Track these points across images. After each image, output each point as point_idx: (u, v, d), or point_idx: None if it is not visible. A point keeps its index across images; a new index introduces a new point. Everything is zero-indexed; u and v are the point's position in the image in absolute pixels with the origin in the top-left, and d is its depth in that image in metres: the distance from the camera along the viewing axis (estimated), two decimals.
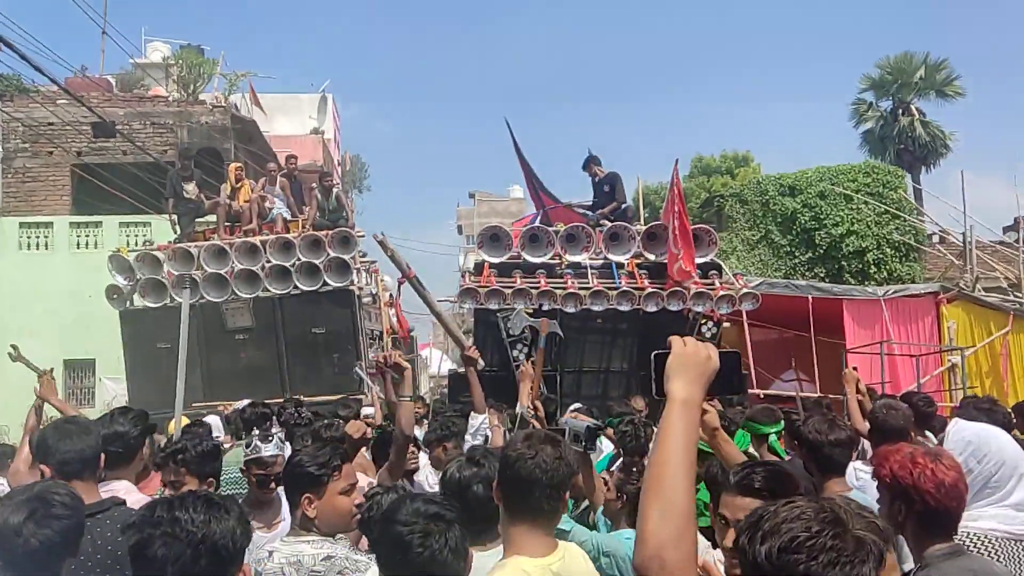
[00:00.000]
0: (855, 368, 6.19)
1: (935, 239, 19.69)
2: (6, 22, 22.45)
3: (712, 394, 1.63)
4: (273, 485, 3.74)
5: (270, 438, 3.84)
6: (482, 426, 5.03)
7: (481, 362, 5.88)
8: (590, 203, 11.15)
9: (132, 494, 3.19)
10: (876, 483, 2.57)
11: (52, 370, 5.40)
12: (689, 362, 1.59)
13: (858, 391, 5.24)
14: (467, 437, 4.98)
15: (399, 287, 9.37)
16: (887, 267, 18.96)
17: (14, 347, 6.67)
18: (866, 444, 5.12)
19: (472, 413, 5.11)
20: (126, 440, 3.30)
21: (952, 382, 12.42)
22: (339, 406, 7.54)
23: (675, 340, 1.62)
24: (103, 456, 3.08)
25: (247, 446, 3.88)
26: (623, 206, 10.80)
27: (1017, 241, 16.73)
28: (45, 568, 2.27)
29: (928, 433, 5.26)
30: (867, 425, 5.18)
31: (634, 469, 4.06)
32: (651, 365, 1.76)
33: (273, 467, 3.74)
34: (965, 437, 2.95)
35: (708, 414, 2.50)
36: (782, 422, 5.00)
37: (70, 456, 2.91)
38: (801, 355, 12.84)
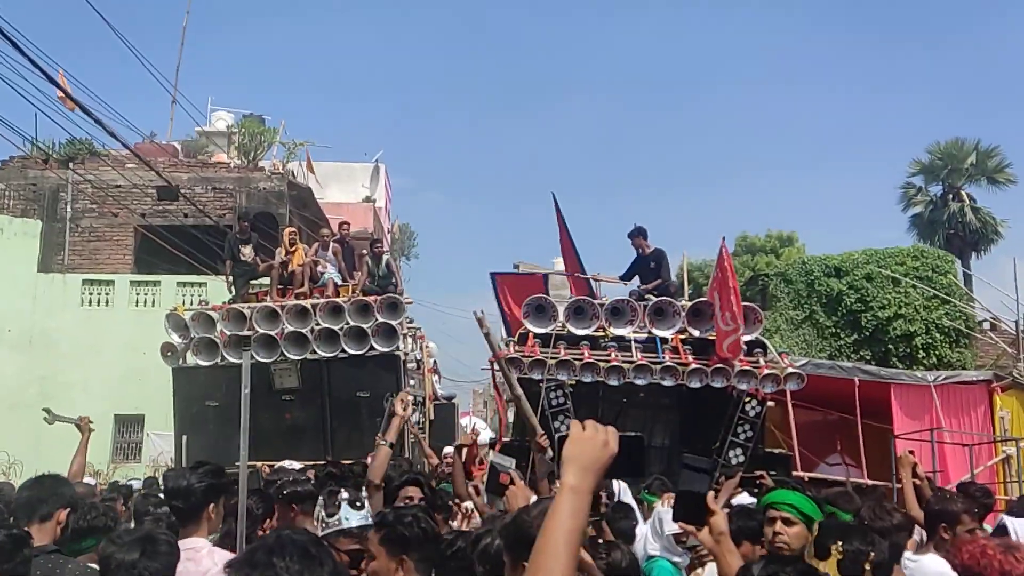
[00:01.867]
0: (911, 452, 6.05)
1: (986, 326, 19.32)
2: (81, 87, 23.67)
3: (609, 477, 1.63)
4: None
5: (359, 504, 3.36)
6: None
7: (550, 452, 5.78)
8: (618, 278, 11.25)
9: (211, 554, 3.21)
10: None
11: (88, 418, 6.07)
12: (585, 448, 1.57)
13: (916, 475, 5.09)
14: None
15: (491, 366, 9.44)
16: (936, 352, 18.62)
17: (47, 411, 7.14)
18: (922, 533, 5.02)
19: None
20: (187, 495, 3.34)
21: (1007, 474, 12.05)
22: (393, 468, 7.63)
23: (574, 424, 1.62)
24: (172, 508, 3.29)
25: (326, 514, 3.44)
26: (666, 284, 10.89)
27: None
28: None
29: (986, 526, 5.13)
30: (922, 513, 5.08)
31: None
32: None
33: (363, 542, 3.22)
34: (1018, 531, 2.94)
35: (716, 516, 2.31)
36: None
37: (22, 501, 3.56)
38: (846, 439, 12.59)
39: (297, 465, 8.18)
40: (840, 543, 2.99)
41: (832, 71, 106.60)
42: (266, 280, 12.44)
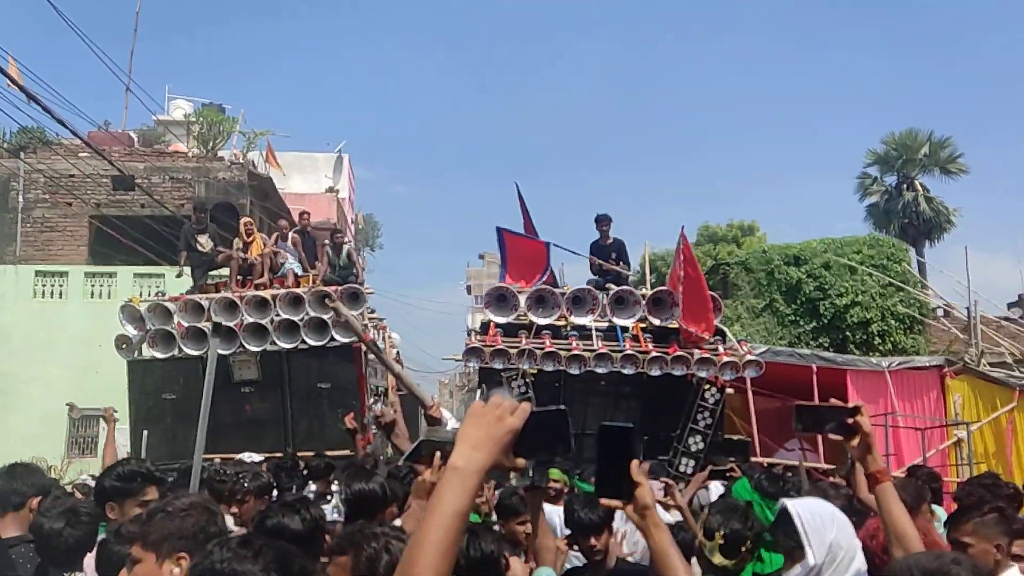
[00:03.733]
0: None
1: (939, 313, 19.75)
2: (33, 76, 23.10)
3: (526, 456, 1.48)
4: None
5: (329, 498, 3.37)
6: None
7: (449, 424, 5.85)
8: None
9: None
10: None
11: (112, 409, 6.11)
12: (478, 424, 1.45)
13: None
14: None
15: (364, 353, 9.46)
16: (891, 339, 18.98)
17: (70, 405, 7.10)
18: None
19: None
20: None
21: (958, 457, 12.34)
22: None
23: (476, 401, 1.51)
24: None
25: None
26: (625, 277, 11.00)
27: (1022, 317, 16.78)
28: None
29: (936, 509, 5.23)
30: (873, 498, 5.18)
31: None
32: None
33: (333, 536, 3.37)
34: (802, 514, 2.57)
35: (640, 488, 2.00)
36: None
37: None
38: None
39: (257, 458, 8.09)
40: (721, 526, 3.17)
41: (791, 64, 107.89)
42: (226, 271, 12.27)
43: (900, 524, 2.44)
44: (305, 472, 6.91)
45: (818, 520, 2.40)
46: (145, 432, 10.53)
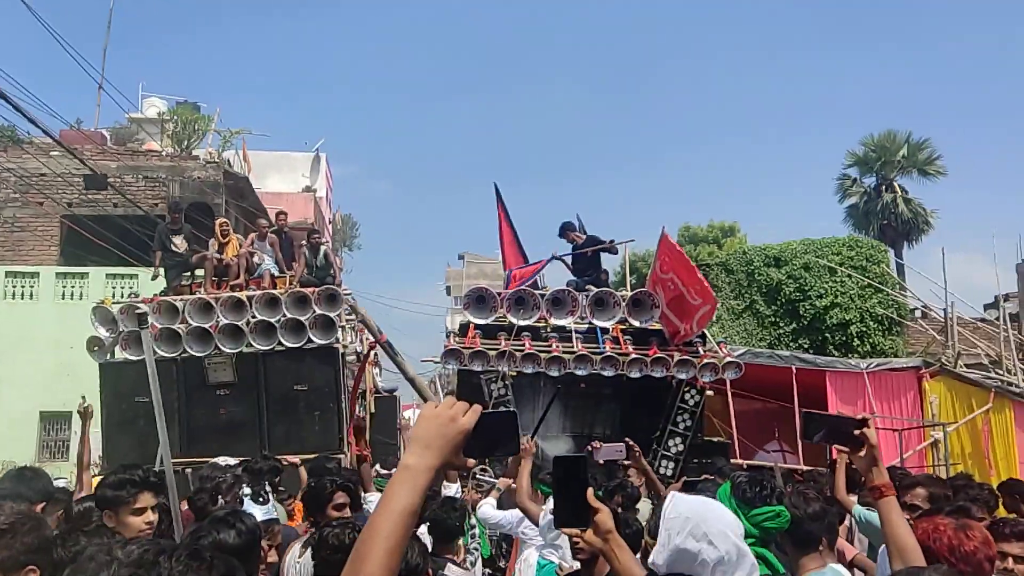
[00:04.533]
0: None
1: (917, 314, 19.89)
2: (2, 73, 22.73)
3: (476, 456, 1.55)
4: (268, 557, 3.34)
5: (261, 498, 3.43)
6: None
7: None
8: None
9: None
10: None
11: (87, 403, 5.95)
12: (429, 425, 1.52)
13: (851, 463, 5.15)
14: None
15: (370, 351, 9.40)
16: (870, 340, 19.08)
17: (83, 401, 6.96)
18: (852, 522, 5.08)
19: (444, 483, 5.17)
20: None
21: (935, 458, 12.40)
22: (324, 459, 7.54)
23: (427, 403, 1.60)
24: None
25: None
26: (605, 252, 10.96)
27: (998, 318, 16.92)
28: None
29: None
30: (853, 498, 5.15)
31: None
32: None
33: (270, 536, 3.32)
34: (683, 513, 2.42)
35: (600, 514, 2.10)
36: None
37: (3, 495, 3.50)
38: (784, 426, 12.83)
39: (232, 461, 7.93)
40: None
41: (771, 66, 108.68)
42: (201, 272, 12.08)
43: (902, 538, 2.49)
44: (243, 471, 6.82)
45: (677, 524, 2.30)
46: (102, 439, 10.32)
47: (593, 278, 10.62)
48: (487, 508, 5.94)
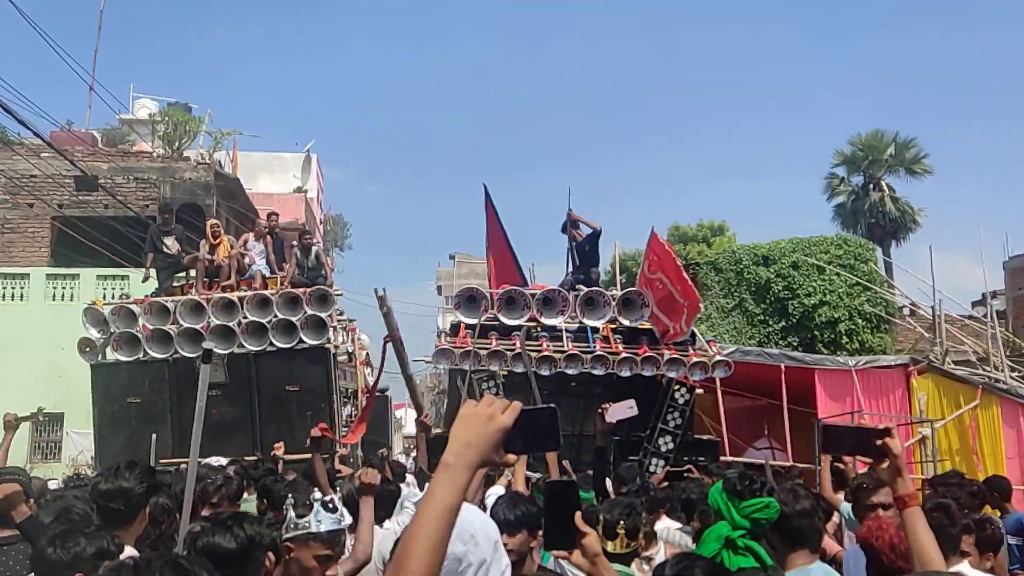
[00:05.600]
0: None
1: (905, 312, 20.03)
2: None
3: (517, 452, 1.57)
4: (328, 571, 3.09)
5: (331, 506, 3.09)
6: (411, 495, 5.20)
7: (434, 430, 5.95)
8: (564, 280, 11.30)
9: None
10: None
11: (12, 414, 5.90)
12: (470, 423, 1.52)
13: (840, 459, 5.20)
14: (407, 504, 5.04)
15: (384, 345, 9.42)
16: (859, 338, 19.21)
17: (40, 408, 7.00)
18: (837, 518, 5.14)
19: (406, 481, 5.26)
20: (128, 497, 3.23)
21: (923, 455, 12.50)
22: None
23: (467, 403, 1.58)
24: (103, 511, 3.20)
25: (295, 515, 3.11)
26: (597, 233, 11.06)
27: (985, 316, 17.06)
28: None
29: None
30: (840, 496, 5.20)
31: None
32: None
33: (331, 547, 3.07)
34: None
35: (588, 537, 2.19)
36: None
37: None
38: (774, 423, 12.90)
39: (224, 461, 7.99)
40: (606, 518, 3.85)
41: (760, 65, 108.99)
42: (192, 273, 12.10)
43: (925, 548, 2.46)
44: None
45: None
46: (94, 440, 10.32)
47: (584, 277, 10.70)
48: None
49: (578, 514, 2.07)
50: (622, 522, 3.86)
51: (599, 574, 2.27)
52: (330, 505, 3.05)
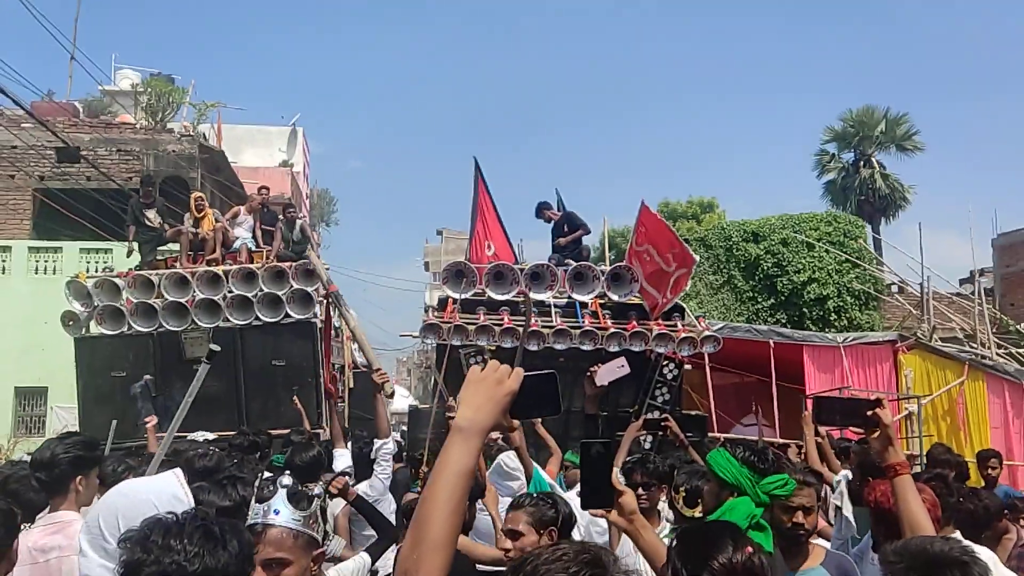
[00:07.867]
0: None
1: (894, 289, 20.09)
2: None
3: (520, 417, 1.60)
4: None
5: (300, 497, 2.31)
6: (383, 450, 5.26)
7: (389, 389, 5.88)
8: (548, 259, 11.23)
9: (72, 525, 3.01)
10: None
11: None
12: (479, 388, 1.56)
13: (817, 433, 5.29)
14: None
15: (326, 301, 9.39)
16: (847, 315, 19.27)
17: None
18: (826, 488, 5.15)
19: (376, 439, 5.30)
20: (53, 467, 3.16)
21: (909, 430, 12.57)
22: (293, 432, 7.55)
23: (473, 368, 1.60)
24: (37, 480, 3.16)
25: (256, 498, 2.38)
26: (584, 236, 11.02)
27: (973, 293, 17.12)
28: None
29: None
30: (825, 467, 5.26)
31: None
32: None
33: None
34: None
35: (624, 496, 2.27)
36: None
37: None
38: (762, 400, 12.93)
39: (210, 436, 7.90)
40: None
41: (751, 40, 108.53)
42: (177, 246, 11.95)
43: (916, 516, 2.53)
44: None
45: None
46: (114, 422, 10.18)
47: (574, 253, 10.62)
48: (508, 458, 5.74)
49: (615, 472, 2.11)
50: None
51: (636, 531, 2.31)
52: (296, 495, 2.25)
